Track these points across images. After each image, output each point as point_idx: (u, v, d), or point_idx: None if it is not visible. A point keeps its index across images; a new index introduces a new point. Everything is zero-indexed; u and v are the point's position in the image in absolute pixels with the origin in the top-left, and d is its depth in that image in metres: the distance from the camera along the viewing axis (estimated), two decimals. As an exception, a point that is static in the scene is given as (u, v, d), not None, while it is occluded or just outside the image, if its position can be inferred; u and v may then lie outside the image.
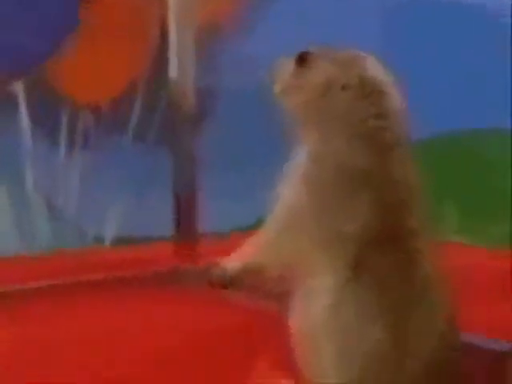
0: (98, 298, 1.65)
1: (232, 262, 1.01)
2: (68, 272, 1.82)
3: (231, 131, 2.36)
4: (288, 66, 1.03)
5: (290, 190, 0.98)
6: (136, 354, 1.31)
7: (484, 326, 1.22)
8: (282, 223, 0.98)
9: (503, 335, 1.17)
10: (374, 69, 0.99)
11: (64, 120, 2.42)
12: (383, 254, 0.94)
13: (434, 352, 0.95)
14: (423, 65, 2.35)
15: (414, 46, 2.37)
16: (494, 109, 2.25)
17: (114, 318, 1.53)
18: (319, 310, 0.95)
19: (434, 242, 0.98)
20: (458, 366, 0.98)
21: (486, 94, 2.29)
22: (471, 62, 2.33)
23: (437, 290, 0.96)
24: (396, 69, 1.00)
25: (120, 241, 2.44)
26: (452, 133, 2.44)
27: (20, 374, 1.23)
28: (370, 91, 0.97)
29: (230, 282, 1.00)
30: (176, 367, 1.25)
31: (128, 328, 1.46)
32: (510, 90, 2.15)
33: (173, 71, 1.77)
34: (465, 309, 0.98)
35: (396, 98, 0.99)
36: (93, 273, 1.78)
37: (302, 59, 1.01)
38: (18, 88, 2.37)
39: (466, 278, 1.03)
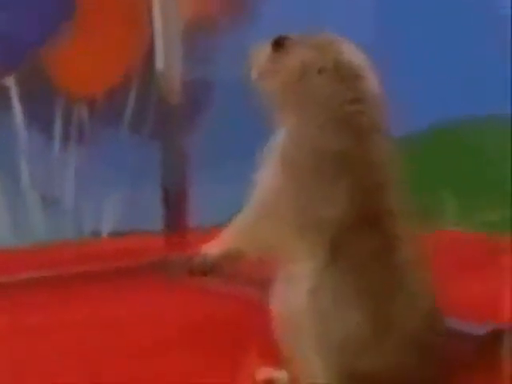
0: (92, 288, 1.66)
1: (212, 249, 1.00)
2: (63, 263, 1.83)
3: (224, 125, 2.35)
4: (265, 51, 1.02)
5: (267, 171, 0.98)
6: (129, 342, 1.32)
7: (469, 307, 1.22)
8: (260, 207, 0.98)
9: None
10: (351, 53, 0.98)
11: (58, 113, 2.42)
12: (362, 239, 0.94)
13: (416, 337, 0.95)
14: (422, 55, 2.33)
15: (412, 36, 2.36)
16: (493, 97, 2.23)
17: (109, 307, 1.53)
18: (299, 295, 0.95)
19: (415, 228, 0.98)
20: (442, 350, 0.98)
21: (485, 83, 2.28)
22: (470, 51, 2.32)
23: (418, 277, 0.96)
24: (393, 60, 0.99)
25: (115, 233, 2.44)
26: (450, 122, 2.43)
27: (16, 362, 1.24)
28: (345, 75, 0.97)
29: (210, 269, 1.00)
30: (167, 356, 1.25)
31: (122, 316, 1.47)
32: (510, 79, 2.14)
33: (159, 64, 1.76)
34: (452, 291, 0.99)
35: (373, 83, 0.98)
36: (88, 264, 1.79)
37: (278, 44, 1.01)
38: (11, 81, 2.37)
39: (458, 263, 1.03)
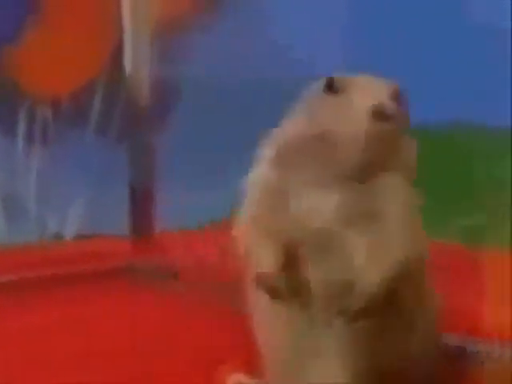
0: (59, 291, 1.65)
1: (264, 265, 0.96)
2: (27, 266, 1.82)
3: (193, 126, 2.34)
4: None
5: None
6: (99, 346, 1.31)
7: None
8: None
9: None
10: None
11: (22, 113, 2.40)
12: None
13: (432, 339, 0.99)
14: (416, 60, 2.32)
15: (408, 45, 2.35)
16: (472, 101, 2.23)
17: (77, 311, 1.53)
18: None
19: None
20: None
21: (482, 89, 2.28)
22: (464, 55, 2.32)
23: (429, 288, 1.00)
24: (389, 61, 0.97)
25: (80, 236, 2.42)
26: (439, 125, 2.42)
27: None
28: None
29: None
30: (137, 359, 1.24)
31: (91, 320, 1.47)
32: (509, 87, 2.14)
33: (128, 64, 1.77)
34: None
35: None
36: (53, 267, 1.78)
37: None
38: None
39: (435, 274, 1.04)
